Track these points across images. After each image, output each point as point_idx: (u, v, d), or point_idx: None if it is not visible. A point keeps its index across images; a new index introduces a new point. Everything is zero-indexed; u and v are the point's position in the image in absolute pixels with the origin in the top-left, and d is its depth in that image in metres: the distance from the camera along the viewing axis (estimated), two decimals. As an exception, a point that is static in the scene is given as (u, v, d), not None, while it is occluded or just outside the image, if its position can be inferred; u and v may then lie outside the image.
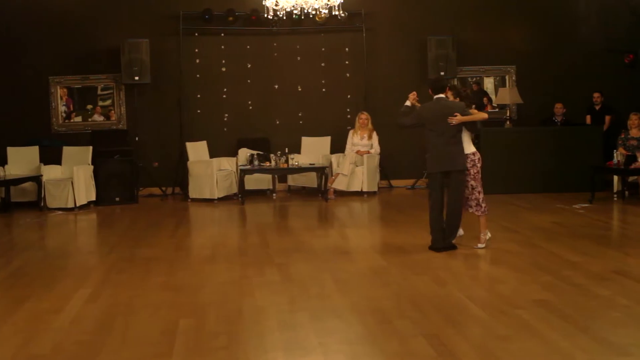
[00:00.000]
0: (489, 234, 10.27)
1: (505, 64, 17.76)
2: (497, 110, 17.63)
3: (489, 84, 18.03)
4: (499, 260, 9.48)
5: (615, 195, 14.78)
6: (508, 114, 17.12)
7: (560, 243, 10.38)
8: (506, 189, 15.40)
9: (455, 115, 9.81)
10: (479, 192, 10.08)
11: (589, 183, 14.28)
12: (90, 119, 17.26)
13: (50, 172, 15.60)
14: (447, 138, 9.91)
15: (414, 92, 10.49)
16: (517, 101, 16.75)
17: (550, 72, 17.53)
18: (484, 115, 10.40)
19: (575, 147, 15.66)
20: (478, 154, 10.20)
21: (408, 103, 10.34)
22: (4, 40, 16.75)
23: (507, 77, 17.76)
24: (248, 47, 17.39)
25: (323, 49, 17.51)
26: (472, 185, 10.07)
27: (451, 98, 10.25)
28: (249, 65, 17.42)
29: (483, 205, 10.09)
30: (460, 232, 10.36)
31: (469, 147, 10.10)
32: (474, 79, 17.93)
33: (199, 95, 17.20)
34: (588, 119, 16.75)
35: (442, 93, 10.17)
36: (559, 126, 16.45)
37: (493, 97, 17.73)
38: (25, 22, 16.82)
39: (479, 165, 10.12)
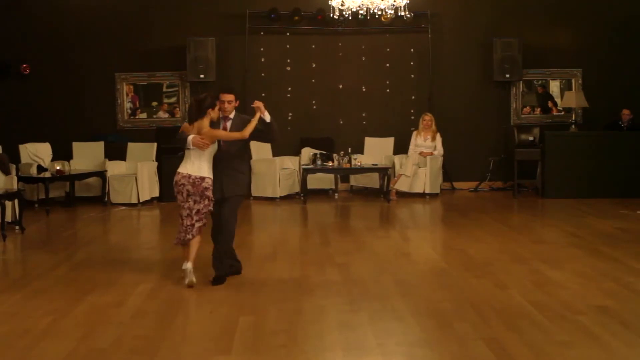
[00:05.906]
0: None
1: (571, 67, 17.54)
2: (562, 113, 17.46)
3: (554, 87, 17.81)
4: (561, 265, 9.37)
5: (683, 202, 14.55)
6: (573, 118, 16.91)
7: (623, 249, 10.23)
8: (570, 194, 15.23)
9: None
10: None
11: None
12: (155, 116, 17.44)
13: (114, 168, 15.79)
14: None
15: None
16: (583, 105, 16.53)
17: (618, 76, 17.26)
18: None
19: (641, 152, 15.45)
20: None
21: (266, 118, 9.64)
22: (72, 36, 17.01)
23: (573, 81, 17.54)
24: (313, 46, 17.43)
25: (388, 50, 17.46)
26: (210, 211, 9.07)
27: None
28: (314, 65, 17.46)
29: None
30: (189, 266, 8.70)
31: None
32: (539, 82, 17.75)
33: (263, 94, 17.21)
34: (657, 123, 16.49)
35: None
36: (625, 131, 16.20)
37: (558, 100, 17.52)
38: (93, 19, 17.05)
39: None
